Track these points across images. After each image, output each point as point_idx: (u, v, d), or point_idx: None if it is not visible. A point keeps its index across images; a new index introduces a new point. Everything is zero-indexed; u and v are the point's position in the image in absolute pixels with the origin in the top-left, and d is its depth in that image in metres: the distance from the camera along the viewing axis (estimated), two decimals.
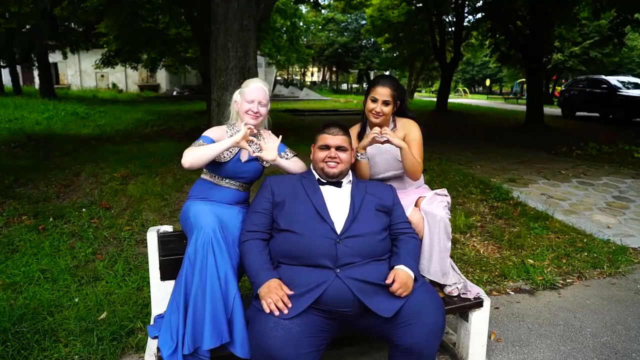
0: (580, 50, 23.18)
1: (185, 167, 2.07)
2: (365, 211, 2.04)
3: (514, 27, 13.45)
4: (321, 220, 1.96)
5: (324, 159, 2.15)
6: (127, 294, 3.06)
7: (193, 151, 2.10)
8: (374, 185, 2.23)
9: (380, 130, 2.22)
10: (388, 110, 2.38)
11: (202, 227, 1.96)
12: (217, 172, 2.30)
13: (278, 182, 2.16)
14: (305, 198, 2.05)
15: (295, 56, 28.46)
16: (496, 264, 3.73)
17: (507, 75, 39.32)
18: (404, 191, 2.46)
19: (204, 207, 2.12)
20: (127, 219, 4.49)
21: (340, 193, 2.13)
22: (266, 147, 2.24)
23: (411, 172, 2.35)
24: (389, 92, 2.36)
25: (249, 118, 2.28)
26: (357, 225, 1.98)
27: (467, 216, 4.69)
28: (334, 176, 2.14)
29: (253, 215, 2.09)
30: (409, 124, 2.47)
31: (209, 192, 2.29)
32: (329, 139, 2.18)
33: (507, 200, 5.34)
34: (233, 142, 2.11)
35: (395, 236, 2.12)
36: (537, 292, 3.36)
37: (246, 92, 2.31)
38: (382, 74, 2.52)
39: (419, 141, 2.42)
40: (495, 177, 6.40)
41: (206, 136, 2.24)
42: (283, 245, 1.97)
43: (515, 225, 4.59)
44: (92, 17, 11.53)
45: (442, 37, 18.89)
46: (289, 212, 2.02)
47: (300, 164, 2.37)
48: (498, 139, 10.77)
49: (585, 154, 8.46)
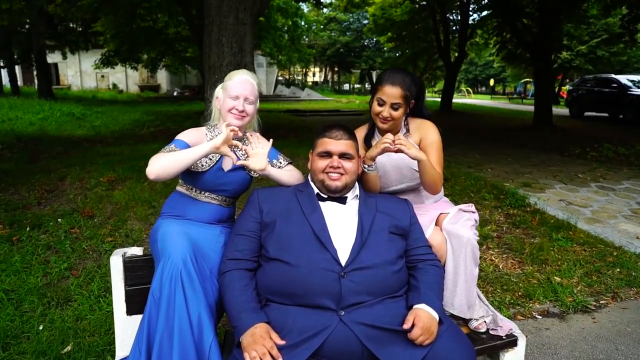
0: (587, 49, 22.72)
1: (151, 179, 1.67)
2: (376, 235, 1.64)
3: (521, 25, 13.05)
4: (321, 247, 1.57)
5: (325, 169, 1.75)
6: (99, 321, 2.67)
7: (161, 158, 1.70)
8: (386, 201, 1.83)
9: (393, 139, 1.81)
10: (398, 114, 1.97)
11: (170, 256, 1.56)
12: (194, 184, 1.90)
13: (268, 196, 1.76)
14: (301, 218, 1.65)
15: (296, 56, 28.14)
16: (519, 281, 3.33)
17: (511, 75, 38.86)
18: (421, 206, 2.06)
19: (175, 229, 1.72)
20: (110, 229, 4.11)
21: (344, 211, 1.74)
22: (254, 153, 1.84)
23: (430, 185, 1.94)
24: (399, 92, 1.93)
25: (232, 118, 1.89)
26: (367, 253, 1.58)
27: (481, 225, 4.29)
28: (337, 190, 1.74)
29: (236, 239, 1.70)
30: (425, 125, 2.06)
31: (185, 208, 1.90)
32: (330, 144, 1.78)
33: (524, 207, 4.94)
34: (212, 147, 1.72)
35: (412, 264, 1.72)
36: (567, 316, 2.95)
37: (229, 86, 1.92)
38: (392, 68, 2.07)
39: (437, 146, 2.01)
40: (508, 182, 6.01)
41: (179, 140, 1.84)
42: (273, 279, 1.58)
43: (535, 235, 4.19)
44: (88, 15, 11.18)
45: (447, 36, 18.50)
46: (281, 236, 1.62)
47: (296, 175, 1.97)
48: (506, 140, 10.37)
49: (600, 156, 8.04)
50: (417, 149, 1.87)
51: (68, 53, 22.66)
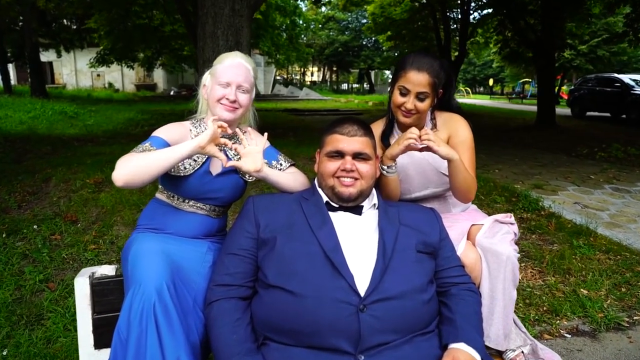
0: (588, 49, 22.48)
1: (118, 186, 1.35)
2: (401, 255, 1.33)
3: (524, 23, 12.78)
4: (334, 271, 1.26)
5: (336, 172, 1.45)
6: (72, 344, 2.35)
7: (132, 160, 1.38)
8: (410, 211, 1.51)
9: (418, 133, 1.50)
10: (424, 106, 1.65)
11: (141, 285, 1.25)
12: (176, 191, 1.58)
13: (266, 205, 1.45)
14: (308, 233, 1.34)
15: (294, 55, 27.82)
16: (542, 294, 3.03)
17: (509, 75, 38.65)
18: (448, 216, 1.75)
19: (151, 247, 1.40)
20: (94, 235, 3.79)
21: (361, 225, 1.42)
22: (246, 151, 1.52)
23: (463, 192, 1.63)
24: (426, 79, 1.61)
25: (222, 110, 1.57)
26: (392, 279, 1.27)
27: None
28: (351, 199, 1.43)
29: (227, 259, 1.38)
30: (454, 120, 1.75)
31: (165, 219, 1.58)
32: (342, 142, 1.46)
33: (538, 210, 4.65)
34: (196, 146, 1.40)
35: (444, 289, 1.41)
36: (599, 335, 2.65)
37: (219, 71, 1.60)
38: (417, 51, 1.73)
39: (469, 145, 1.70)
40: (518, 183, 5.72)
41: (157, 137, 1.52)
42: (273, 312, 1.26)
43: (554, 241, 3.90)
44: (80, 11, 10.82)
45: (447, 35, 18.19)
46: (283, 257, 1.31)
47: (300, 178, 1.65)
48: (510, 140, 10.10)
49: (610, 156, 7.76)
50: (448, 147, 1.56)
51: (63, 52, 22.23)
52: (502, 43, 15.48)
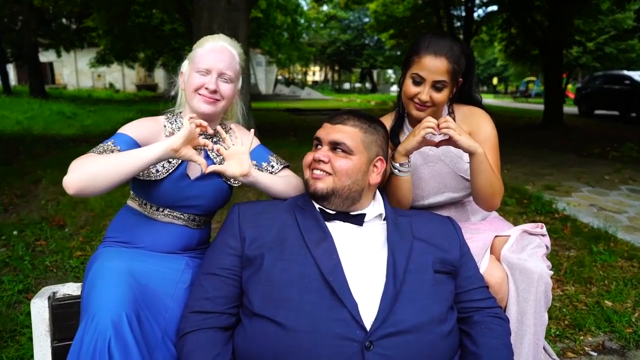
0: (595, 46, 22.15)
1: (70, 194, 1.12)
2: (416, 276, 1.10)
3: (530, 19, 12.52)
4: (333, 299, 1.03)
5: (311, 163, 1.24)
6: None
7: (88, 163, 1.15)
8: (425, 221, 1.28)
9: (436, 122, 1.27)
10: (441, 97, 1.41)
11: (94, 316, 1.02)
12: (148, 198, 1.35)
13: (254, 216, 1.22)
14: (303, 251, 1.11)
15: (296, 54, 27.64)
16: (562, 306, 2.79)
17: (514, 74, 38.32)
18: (467, 226, 1.51)
19: (114, 267, 1.17)
20: (81, 241, 3.57)
21: (365, 239, 1.19)
22: (230, 152, 1.29)
23: (487, 196, 1.39)
24: (444, 65, 1.37)
25: (200, 102, 1.34)
26: (404, 307, 1.04)
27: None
28: (317, 195, 1.21)
29: (206, 281, 1.15)
30: (475, 114, 1.51)
31: (135, 231, 1.35)
32: (323, 130, 1.27)
33: (551, 213, 4.41)
34: (167, 149, 1.16)
35: (466, 315, 1.18)
36: (629, 353, 2.41)
37: (198, 55, 1.37)
38: (434, 33, 1.48)
39: (493, 144, 1.46)
40: (529, 184, 5.48)
41: (123, 134, 1.29)
42: (259, 347, 1.03)
43: (571, 247, 3.65)
44: (77, 9, 10.62)
45: (451, 32, 17.95)
46: (271, 280, 1.08)
47: (294, 182, 1.42)
48: (517, 139, 9.84)
49: (623, 156, 7.50)
50: (470, 138, 1.32)
51: (63, 52, 22.08)
52: (508, 41, 15.23)
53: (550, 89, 12.42)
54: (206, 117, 1.35)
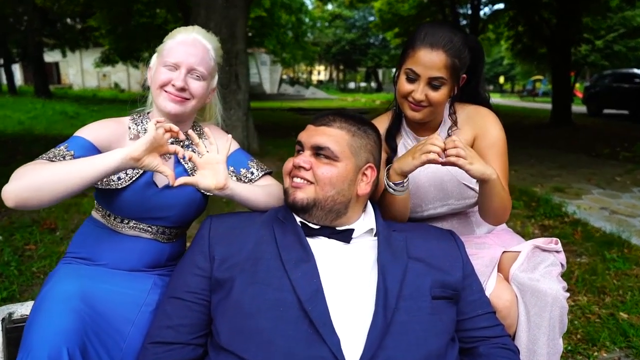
0: (604, 44, 21.80)
1: (9, 206, 0.98)
2: (411, 304, 0.95)
3: (538, 17, 12.29)
4: (311, 332, 0.88)
5: (291, 170, 1.10)
6: None
7: (32, 171, 1.00)
8: (423, 236, 1.13)
9: (442, 146, 1.09)
10: (439, 96, 1.24)
11: (30, 353, 0.88)
12: (111, 208, 1.21)
13: (227, 231, 1.07)
14: (279, 273, 0.96)
15: (300, 53, 27.50)
16: (574, 318, 2.62)
17: (520, 73, 37.98)
18: (471, 240, 1.36)
19: (64, 290, 1.03)
20: None
21: (352, 259, 1.04)
22: (204, 162, 1.12)
23: (498, 215, 1.23)
24: (442, 60, 1.21)
25: (165, 100, 1.19)
26: (397, 342, 0.89)
27: None
28: (296, 206, 1.06)
29: (170, 306, 1.01)
30: (481, 114, 1.35)
31: (97, 246, 1.20)
32: (305, 133, 1.12)
33: (561, 216, 4.24)
34: (125, 158, 1.01)
35: (469, 345, 1.03)
36: None
37: (167, 48, 1.22)
38: (432, 22, 1.32)
39: (501, 149, 1.30)
40: (537, 186, 5.31)
41: (79, 137, 1.14)
42: None
43: (582, 253, 3.48)
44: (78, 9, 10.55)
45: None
46: (241, 308, 0.93)
47: (276, 192, 1.25)
48: (524, 139, 9.65)
49: (635, 156, 7.29)
50: (483, 163, 1.13)
51: (69, 52, 22.10)
52: (514, 39, 14.99)
53: (558, 88, 12.20)
54: (174, 117, 1.20)
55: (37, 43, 17.13)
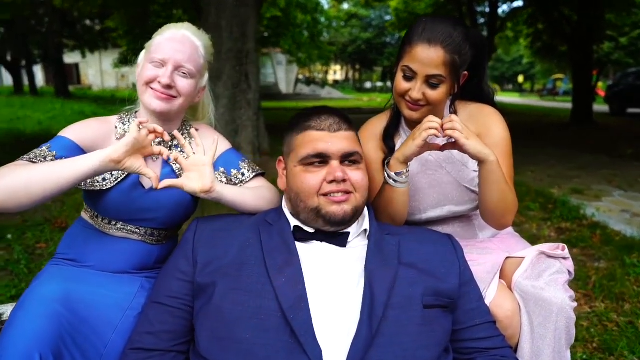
0: (628, 41, 21.21)
1: None
2: (399, 313, 0.90)
3: (558, 14, 12.01)
4: (292, 343, 0.83)
5: (320, 187, 1.01)
6: None
7: (10, 173, 0.97)
8: (417, 239, 1.07)
9: (440, 123, 1.06)
10: (437, 95, 1.18)
11: (1, 356, 0.85)
12: (98, 209, 1.18)
13: (213, 234, 1.03)
14: (262, 279, 0.91)
15: (316, 53, 27.48)
16: (590, 326, 2.51)
17: (541, 72, 37.29)
18: (474, 245, 1.29)
19: (44, 293, 1.00)
20: None
21: (344, 264, 0.98)
22: (190, 164, 1.08)
23: (498, 212, 1.16)
24: (440, 57, 1.14)
25: (151, 97, 1.15)
26: (381, 354, 0.84)
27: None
28: (346, 220, 1.01)
29: (152, 311, 0.98)
30: (484, 113, 1.28)
31: (85, 247, 1.17)
32: (323, 140, 1.03)
33: (579, 219, 4.10)
34: (104, 160, 0.97)
35: (466, 356, 0.97)
36: None
37: (155, 44, 1.18)
38: (432, 16, 1.23)
39: (505, 149, 1.22)
40: (554, 188, 5.15)
41: (63, 137, 1.12)
42: None
43: (600, 257, 3.35)
44: (96, 10, 10.72)
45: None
46: (221, 316, 0.89)
47: (267, 195, 1.20)
48: (543, 139, 9.44)
49: None
50: (481, 142, 1.09)
51: (88, 53, 22.53)
52: (534, 37, 14.69)
53: (579, 87, 11.91)
54: (160, 116, 1.17)
55: (57, 44, 17.50)
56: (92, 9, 10.46)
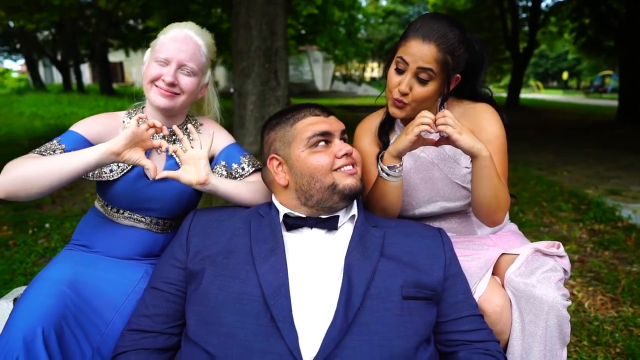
0: None
1: (1, 197, 1.05)
2: (377, 304, 0.92)
3: (605, 7, 11.46)
4: (271, 326, 0.87)
5: (333, 163, 1.07)
6: None
7: (22, 165, 1.06)
8: (404, 232, 1.09)
9: (433, 118, 1.07)
10: (425, 92, 1.18)
11: (6, 333, 0.93)
12: (107, 199, 1.26)
13: (207, 224, 1.08)
14: (247, 265, 0.96)
15: (353, 50, 27.37)
16: (615, 331, 2.42)
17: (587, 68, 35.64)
18: (471, 241, 1.29)
19: (52, 276, 1.07)
20: None
21: (331, 250, 1.02)
22: (188, 157, 1.15)
23: (490, 208, 1.16)
24: (432, 52, 1.14)
25: (156, 94, 1.23)
26: (355, 342, 0.87)
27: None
28: (358, 192, 1.07)
29: (148, 295, 1.05)
30: (478, 110, 1.27)
31: (95, 234, 1.26)
32: (322, 122, 1.09)
33: (613, 221, 3.93)
34: (105, 152, 1.05)
35: (449, 349, 0.98)
36: None
37: (159, 43, 1.26)
38: (430, 14, 1.25)
39: (499, 147, 1.22)
40: (590, 188, 4.95)
41: (73, 132, 1.21)
42: None
43: (633, 261, 3.21)
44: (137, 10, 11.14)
45: (515, 25, 16.93)
46: (207, 300, 0.94)
47: (264, 189, 1.24)
48: (584, 138, 9.06)
49: None
50: (474, 137, 1.10)
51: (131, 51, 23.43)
52: (578, 31, 14.06)
53: (626, 84, 11.31)
54: (164, 112, 1.24)
55: (102, 44, 18.27)
56: (134, 9, 10.86)
